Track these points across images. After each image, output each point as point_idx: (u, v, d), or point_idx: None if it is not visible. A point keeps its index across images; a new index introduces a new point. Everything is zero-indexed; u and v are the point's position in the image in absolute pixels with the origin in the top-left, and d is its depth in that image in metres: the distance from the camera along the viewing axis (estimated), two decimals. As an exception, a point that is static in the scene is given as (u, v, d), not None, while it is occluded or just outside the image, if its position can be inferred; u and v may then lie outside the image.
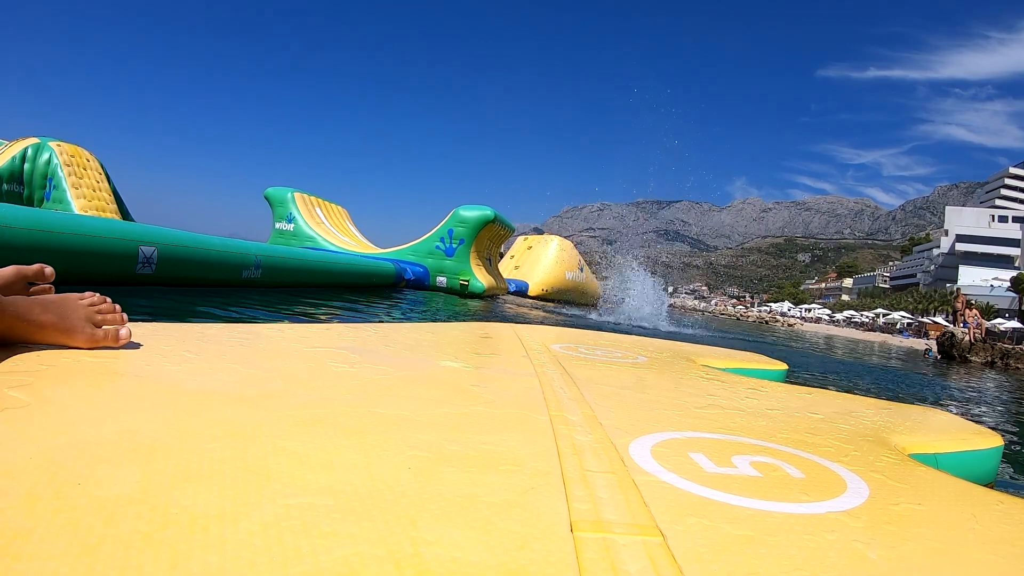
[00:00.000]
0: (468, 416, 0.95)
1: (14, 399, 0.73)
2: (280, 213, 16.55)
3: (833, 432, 1.14)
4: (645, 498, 0.65)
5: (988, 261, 65.28)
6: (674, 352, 2.51)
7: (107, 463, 0.59)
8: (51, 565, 0.41)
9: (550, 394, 1.19)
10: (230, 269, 6.62)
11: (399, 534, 0.51)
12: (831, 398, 1.71)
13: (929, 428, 1.44)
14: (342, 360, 1.32)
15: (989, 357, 13.45)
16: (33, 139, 13.01)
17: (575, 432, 0.90)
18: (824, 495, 0.74)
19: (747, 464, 0.83)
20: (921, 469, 0.97)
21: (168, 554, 0.44)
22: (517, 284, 17.51)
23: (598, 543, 0.53)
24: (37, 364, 0.90)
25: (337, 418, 0.83)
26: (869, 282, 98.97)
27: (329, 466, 0.65)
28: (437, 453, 0.73)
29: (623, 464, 0.77)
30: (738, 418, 1.18)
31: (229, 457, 0.64)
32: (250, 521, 0.50)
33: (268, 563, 0.44)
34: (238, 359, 1.22)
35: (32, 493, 0.51)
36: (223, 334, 1.49)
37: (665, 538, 0.56)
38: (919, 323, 37.81)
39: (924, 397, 6.32)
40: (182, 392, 0.88)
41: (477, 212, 12.66)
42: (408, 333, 2.12)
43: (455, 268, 12.58)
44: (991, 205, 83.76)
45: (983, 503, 0.80)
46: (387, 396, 1.02)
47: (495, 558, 0.49)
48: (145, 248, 5.28)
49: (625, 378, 1.62)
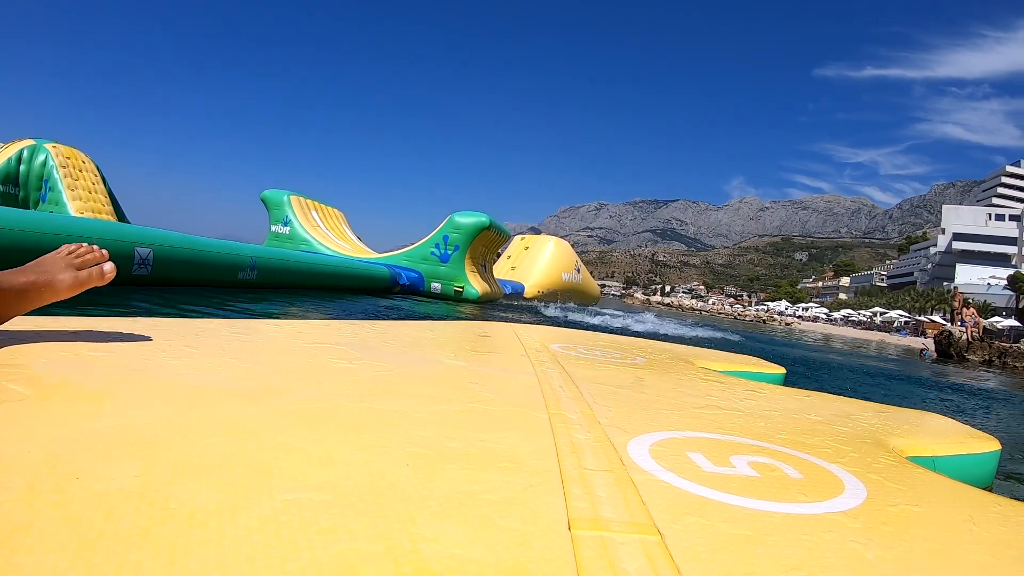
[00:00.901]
0: (467, 413, 0.95)
1: (14, 392, 0.73)
2: (276, 216, 16.54)
3: (831, 434, 1.15)
4: (643, 497, 0.65)
5: (985, 259, 65.38)
6: (672, 354, 2.51)
7: (106, 457, 0.58)
8: (50, 559, 0.41)
9: (549, 392, 1.19)
10: (226, 270, 6.60)
11: (398, 530, 0.51)
12: (829, 401, 1.71)
13: (927, 431, 1.44)
14: (341, 356, 1.32)
15: (987, 356, 13.45)
16: (29, 141, 12.96)
17: (574, 430, 0.90)
18: (822, 496, 0.74)
19: (745, 464, 0.83)
20: (919, 471, 0.98)
21: (167, 549, 0.44)
22: (513, 285, 17.50)
23: (596, 541, 0.53)
24: (36, 357, 0.90)
25: (336, 414, 0.83)
26: (866, 281, 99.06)
27: (328, 462, 0.65)
28: (436, 450, 0.73)
29: (621, 463, 0.77)
30: (736, 419, 1.18)
31: (228, 452, 0.64)
32: (249, 516, 0.50)
33: (267, 558, 0.44)
34: (237, 354, 1.22)
35: (31, 487, 0.51)
36: (222, 329, 1.49)
37: (663, 537, 0.56)
38: (917, 322, 37.87)
39: (921, 398, 6.33)
40: (181, 387, 0.88)
41: (472, 219, 12.67)
42: (407, 331, 2.12)
43: (450, 274, 12.59)
44: (988, 203, 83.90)
45: (981, 505, 0.80)
46: (386, 393, 1.02)
47: (494, 555, 0.49)
48: (141, 249, 5.27)
49: (624, 378, 1.62)
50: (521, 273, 19.20)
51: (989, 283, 52.68)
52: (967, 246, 68.60)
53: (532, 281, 18.87)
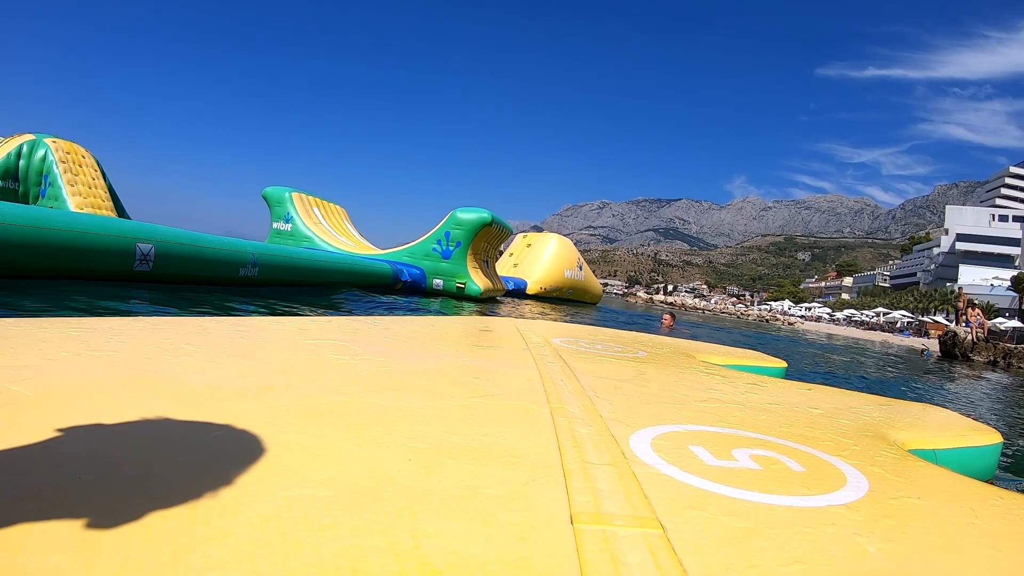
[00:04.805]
0: (469, 408, 0.95)
1: (16, 393, 0.73)
2: (278, 213, 16.51)
3: (833, 427, 1.15)
4: (645, 490, 0.65)
5: (988, 260, 65.17)
6: (674, 348, 2.51)
7: (107, 456, 0.59)
8: (52, 559, 0.41)
9: (551, 387, 1.19)
10: (227, 267, 6.59)
11: (400, 526, 0.51)
12: (831, 394, 1.71)
13: (929, 424, 1.44)
14: (343, 352, 1.32)
15: (992, 356, 13.42)
16: (29, 135, 12.92)
17: (575, 424, 0.90)
18: (824, 489, 0.74)
19: (747, 457, 0.83)
20: (920, 464, 0.98)
21: (169, 547, 0.44)
22: (516, 282, 17.48)
23: (598, 535, 0.53)
24: (38, 359, 0.90)
25: (338, 410, 0.83)
26: (869, 281, 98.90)
27: (330, 458, 0.65)
28: (438, 445, 0.73)
29: (623, 456, 0.77)
30: (738, 412, 1.18)
31: (230, 449, 0.64)
32: (251, 513, 0.50)
33: (269, 555, 0.44)
34: (239, 351, 1.22)
35: (33, 487, 0.51)
36: (223, 327, 1.49)
37: (665, 530, 0.56)
38: (920, 322, 37.79)
39: (924, 394, 6.32)
40: (183, 385, 0.88)
41: (474, 215, 12.63)
42: (408, 326, 2.12)
43: (452, 270, 12.55)
44: (991, 204, 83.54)
45: (982, 498, 0.80)
46: (387, 388, 1.02)
47: (496, 550, 0.49)
48: (142, 245, 5.26)
49: (625, 372, 1.62)
50: (523, 270, 19.17)
51: (992, 284, 52.57)
52: (970, 247, 68.37)
53: (534, 278, 18.86)
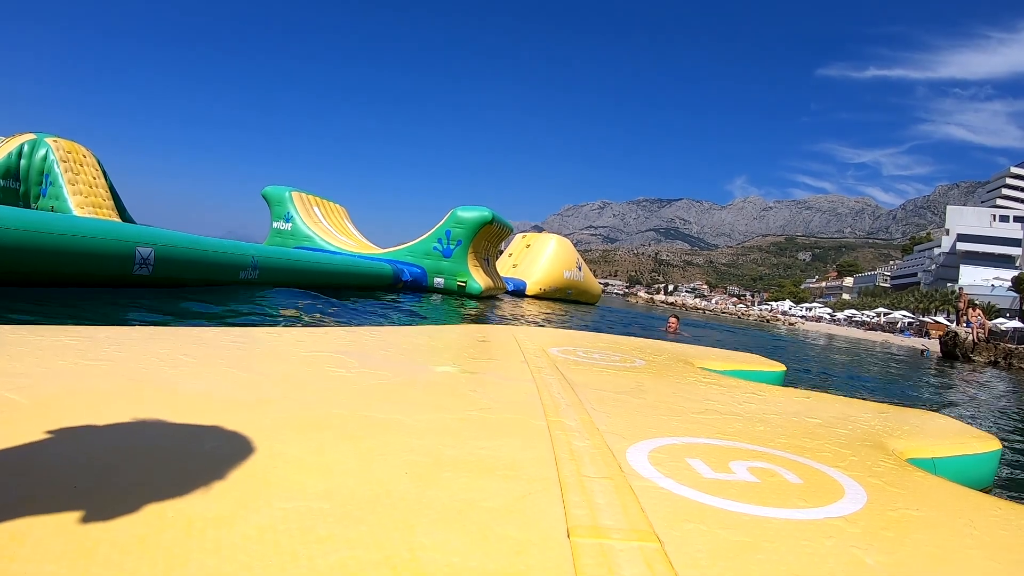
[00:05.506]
0: (465, 421, 0.95)
1: (12, 402, 0.73)
2: (278, 212, 16.50)
3: (831, 437, 1.14)
4: (642, 504, 0.65)
5: (989, 261, 65.24)
6: (672, 355, 2.51)
7: (103, 466, 0.59)
8: (48, 568, 0.41)
9: (548, 399, 1.19)
10: (228, 270, 6.59)
11: (396, 539, 0.51)
12: (830, 402, 1.71)
13: (927, 432, 1.44)
14: (339, 364, 1.32)
15: (993, 357, 13.41)
16: (30, 135, 12.93)
17: (573, 438, 0.90)
18: (822, 501, 0.74)
19: (745, 470, 0.83)
20: (919, 474, 0.97)
21: (164, 557, 0.44)
22: (515, 283, 17.48)
23: (595, 549, 0.53)
24: (34, 367, 0.90)
25: (334, 422, 0.83)
26: (870, 281, 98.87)
27: (326, 470, 0.65)
28: (434, 458, 0.73)
29: (620, 470, 0.77)
30: (736, 423, 1.18)
31: (226, 460, 0.64)
32: (246, 525, 0.50)
33: (264, 567, 0.44)
34: (235, 363, 1.22)
35: (29, 496, 0.51)
36: (220, 337, 1.49)
37: (662, 544, 0.56)
38: (920, 322, 37.80)
39: (926, 399, 6.31)
40: (179, 396, 0.88)
41: (475, 213, 12.63)
42: (405, 337, 2.12)
43: (453, 269, 12.54)
44: (992, 205, 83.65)
45: (981, 508, 0.80)
46: (384, 401, 1.02)
47: (492, 563, 0.49)
48: (142, 249, 5.26)
49: (623, 382, 1.62)
50: (523, 271, 19.18)
51: (993, 284, 52.63)
52: (971, 247, 68.47)
53: (534, 279, 18.85)
